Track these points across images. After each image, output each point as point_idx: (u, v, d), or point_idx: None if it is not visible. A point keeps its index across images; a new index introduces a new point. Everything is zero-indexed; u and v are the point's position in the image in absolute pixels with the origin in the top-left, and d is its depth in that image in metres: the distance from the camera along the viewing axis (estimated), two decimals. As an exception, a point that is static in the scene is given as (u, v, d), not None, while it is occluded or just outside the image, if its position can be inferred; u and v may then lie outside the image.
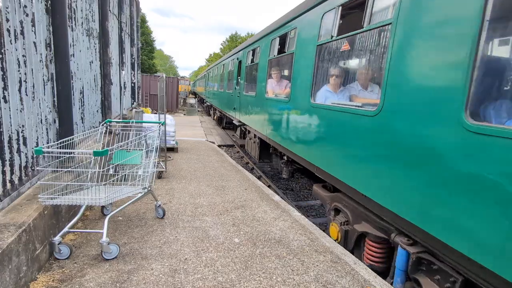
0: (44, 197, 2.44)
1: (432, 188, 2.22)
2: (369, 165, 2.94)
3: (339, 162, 3.51)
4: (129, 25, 9.03)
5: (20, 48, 2.49)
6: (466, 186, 1.96)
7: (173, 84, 20.53)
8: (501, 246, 1.75)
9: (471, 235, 1.93)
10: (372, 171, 2.89)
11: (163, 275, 2.44)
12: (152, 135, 3.50)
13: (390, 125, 2.67)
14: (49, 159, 2.87)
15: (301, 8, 4.64)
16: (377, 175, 2.81)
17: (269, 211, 3.99)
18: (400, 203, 2.53)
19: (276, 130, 5.52)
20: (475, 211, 1.91)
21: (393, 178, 2.61)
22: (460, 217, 2.00)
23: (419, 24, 2.41)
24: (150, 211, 3.71)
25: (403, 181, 2.51)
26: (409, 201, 2.43)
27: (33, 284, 2.21)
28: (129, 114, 7.42)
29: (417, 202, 2.34)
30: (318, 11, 4.02)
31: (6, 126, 2.27)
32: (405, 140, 2.50)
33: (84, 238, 2.95)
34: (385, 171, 2.72)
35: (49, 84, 3.07)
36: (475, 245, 1.91)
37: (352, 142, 3.22)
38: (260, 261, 2.77)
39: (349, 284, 2.53)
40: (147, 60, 37.92)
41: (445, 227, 2.11)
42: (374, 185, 2.85)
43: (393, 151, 2.63)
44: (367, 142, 2.98)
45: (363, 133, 3.03)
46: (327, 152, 3.74)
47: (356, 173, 3.15)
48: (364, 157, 3.03)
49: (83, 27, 4.28)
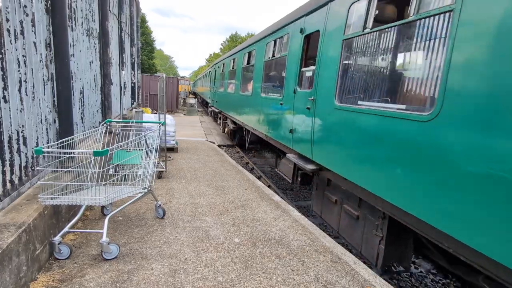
0: (44, 197, 2.44)
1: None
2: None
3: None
4: (129, 25, 9.03)
5: (20, 48, 2.49)
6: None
7: (173, 84, 20.52)
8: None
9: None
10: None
11: (163, 275, 2.44)
12: (152, 135, 3.50)
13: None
14: (49, 159, 2.86)
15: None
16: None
17: (269, 211, 3.99)
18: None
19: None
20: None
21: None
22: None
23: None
24: (150, 211, 3.71)
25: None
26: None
27: (33, 284, 2.21)
28: (129, 114, 7.42)
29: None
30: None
31: (6, 126, 2.27)
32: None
33: (84, 238, 2.95)
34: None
35: (49, 84, 3.07)
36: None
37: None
38: (260, 261, 2.77)
39: (349, 284, 2.53)
40: (147, 60, 37.92)
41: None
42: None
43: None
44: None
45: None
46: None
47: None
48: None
49: (83, 27, 4.28)
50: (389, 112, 2.75)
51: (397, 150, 2.64)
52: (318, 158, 4.01)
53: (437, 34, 2.47)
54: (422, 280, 3.60)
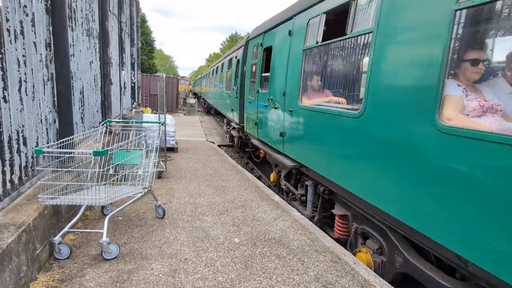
0: (44, 197, 2.44)
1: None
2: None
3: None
4: (129, 25, 9.03)
5: (20, 48, 2.49)
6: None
7: (173, 84, 20.51)
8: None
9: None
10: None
11: (163, 275, 2.44)
12: (152, 135, 3.50)
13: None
14: (49, 159, 2.86)
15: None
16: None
17: (269, 211, 3.99)
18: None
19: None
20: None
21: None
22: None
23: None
24: (150, 211, 3.71)
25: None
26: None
27: (33, 284, 2.21)
28: (129, 114, 7.42)
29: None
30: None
31: (6, 126, 2.27)
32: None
33: (84, 238, 2.95)
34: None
35: (49, 84, 3.07)
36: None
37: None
38: (260, 261, 2.77)
39: (349, 284, 2.53)
40: (147, 60, 37.93)
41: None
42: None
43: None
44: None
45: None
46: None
47: None
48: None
49: (83, 27, 4.28)
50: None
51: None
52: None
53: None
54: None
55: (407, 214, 2.39)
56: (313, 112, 3.88)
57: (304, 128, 4.13)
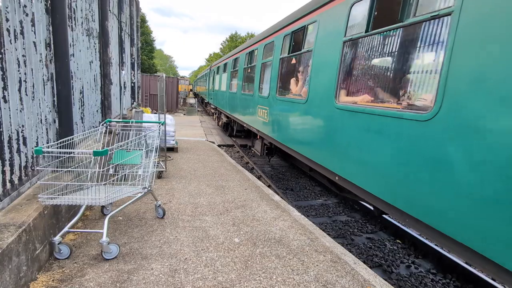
0: (44, 197, 2.44)
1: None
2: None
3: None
4: (129, 25, 9.03)
5: (20, 48, 2.48)
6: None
7: (173, 84, 20.52)
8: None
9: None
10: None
11: (163, 275, 2.44)
12: (152, 135, 3.50)
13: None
14: (49, 159, 2.86)
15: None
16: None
17: (269, 211, 3.99)
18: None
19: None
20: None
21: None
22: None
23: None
24: (150, 211, 3.71)
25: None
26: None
27: (33, 284, 2.21)
28: (129, 114, 7.42)
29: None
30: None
31: (6, 126, 2.27)
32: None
33: (84, 238, 2.95)
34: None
35: (49, 84, 3.07)
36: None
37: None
38: (260, 261, 2.77)
39: (349, 284, 2.53)
40: (147, 60, 37.92)
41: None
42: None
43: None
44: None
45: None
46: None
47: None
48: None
49: (83, 27, 4.28)
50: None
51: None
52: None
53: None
54: (422, 280, 3.60)
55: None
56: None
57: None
